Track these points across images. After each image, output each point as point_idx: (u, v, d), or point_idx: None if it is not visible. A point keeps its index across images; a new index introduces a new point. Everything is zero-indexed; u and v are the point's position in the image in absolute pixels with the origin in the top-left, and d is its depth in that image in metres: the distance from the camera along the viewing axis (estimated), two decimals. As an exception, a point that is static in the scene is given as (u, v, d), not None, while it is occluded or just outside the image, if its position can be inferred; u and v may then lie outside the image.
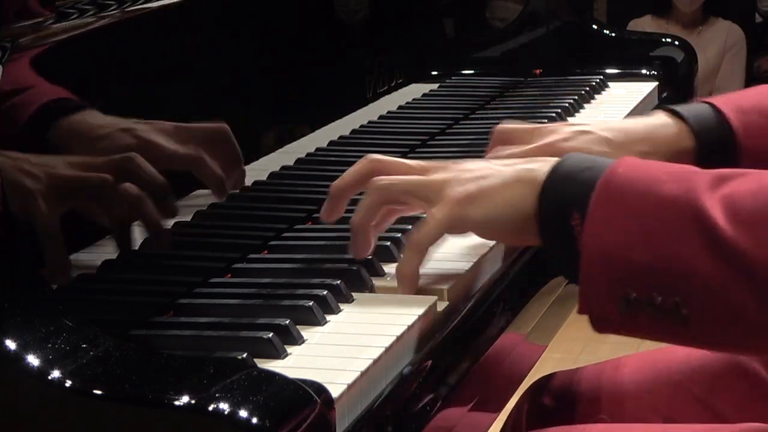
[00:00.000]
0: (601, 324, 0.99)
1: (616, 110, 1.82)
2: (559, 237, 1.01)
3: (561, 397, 1.41)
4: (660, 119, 1.27)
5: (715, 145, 1.25)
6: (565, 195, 1.01)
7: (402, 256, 1.07)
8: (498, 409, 1.20)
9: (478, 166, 1.09)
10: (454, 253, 1.16)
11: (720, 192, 0.95)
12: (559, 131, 1.26)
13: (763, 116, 1.26)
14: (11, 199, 0.89)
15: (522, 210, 1.04)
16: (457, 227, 1.06)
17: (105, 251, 1.10)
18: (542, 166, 1.05)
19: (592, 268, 0.97)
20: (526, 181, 1.04)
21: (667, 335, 0.98)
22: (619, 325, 0.98)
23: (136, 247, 1.12)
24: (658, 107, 1.31)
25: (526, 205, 1.03)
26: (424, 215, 1.08)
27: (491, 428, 1.20)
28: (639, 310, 0.95)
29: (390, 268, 1.14)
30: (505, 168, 1.07)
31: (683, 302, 0.94)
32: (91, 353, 0.84)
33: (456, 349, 1.07)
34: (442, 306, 1.07)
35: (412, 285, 1.07)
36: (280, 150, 1.46)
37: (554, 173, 1.03)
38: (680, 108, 1.28)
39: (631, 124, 1.28)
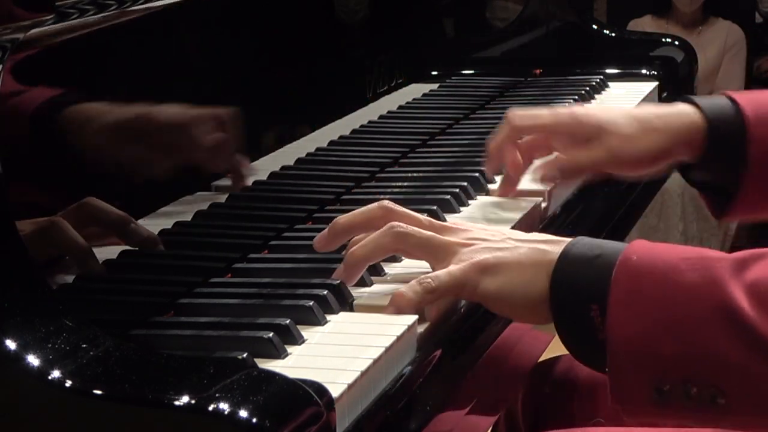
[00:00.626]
0: (633, 413, 0.98)
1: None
2: (577, 327, 1.00)
3: (561, 383, 1.42)
4: (673, 104, 1.31)
5: (725, 129, 1.27)
6: (580, 285, 1.00)
7: (410, 285, 1.04)
8: (499, 409, 1.20)
9: (493, 237, 1.07)
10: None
11: (743, 279, 0.95)
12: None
13: None
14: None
15: (535, 293, 1.02)
16: (467, 291, 1.04)
17: (105, 251, 1.10)
18: (554, 248, 1.03)
19: (621, 362, 0.96)
20: (539, 263, 1.03)
21: (702, 423, 0.98)
22: (652, 414, 0.97)
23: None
24: (680, 99, 1.32)
25: (540, 288, 1.02)
26: None
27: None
28: (673, 400, 0.95)
29: (390, 268, 1.14)
30: (521, 245, 1.05)
31: (719, 393, 0.94)
32: (91, 353, 0.84)
33: (458, 347, 1.07)
34: (444, 305, 1.07)
35: (397, 312, 1.03)
36: (280, 150, 1.46)
37: (564, 259, 1.02)
38: (696, 97, 1.31)
39: (646, 106, 1.36)
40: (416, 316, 1.02)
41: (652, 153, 1.28)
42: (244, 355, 0.90)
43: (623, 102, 1.89)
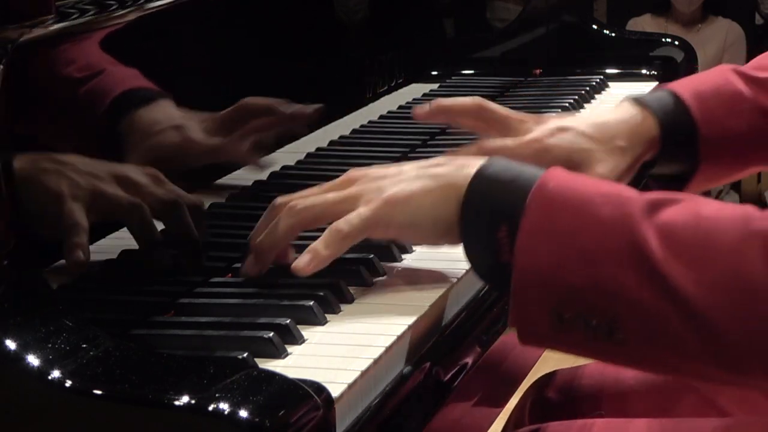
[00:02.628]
0: (530, 337, 0.98)
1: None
2: (483, 247, 1.01)
3: (564, 393, 1.42)
4: (630, 109, 1.30)
5: (678, 134, 1.30)
6: (491, 205, 1.01)
7: (322, 236, 1.04)
8: (500, 407, 1.21)
9: (390, 172, 1.08)
10: (458, 252, 1.16)
11: (656, 220, 0.95)
12: (540, 130, 1.27)
13: (721, 102, 1.31)
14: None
15: (445, 215, 1.03)
16: (381, 228, 1.05)
17: (105, 251, 1.10)
18: (461, 172, 1.04)
19: (525, 285, 0.96)
20: (447, 186, 1.04)
21: (599, 354, 0.99)
22: (550, 340, 0.97)
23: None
24: (629, 98, 1.32)
25: (449, 210, 1.03)
26: None
27: (494, 424, 1.20)
28: (572, 328, 0.95)
29: (390, 268, 1.14)
30: (422, 171, 1.06)
31: (618, 327, 0.94)
32: (91, 353, 0.84)
33: (457, 347, 1.07)
34: (442, 305, 1.07)
35: (315, 266, 1.03)
36: (280, 150, 1.46)
37: (478, 180, 1.03)
38: (644, 97, 1.32)
39: (606, 115, 1.31)
40: (416, 317, 1.02)
41: (626, 173, 1.28)
42: (245, 354, 0.90)
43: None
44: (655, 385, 1.36)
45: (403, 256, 1.16)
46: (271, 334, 0.94)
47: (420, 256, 1.17)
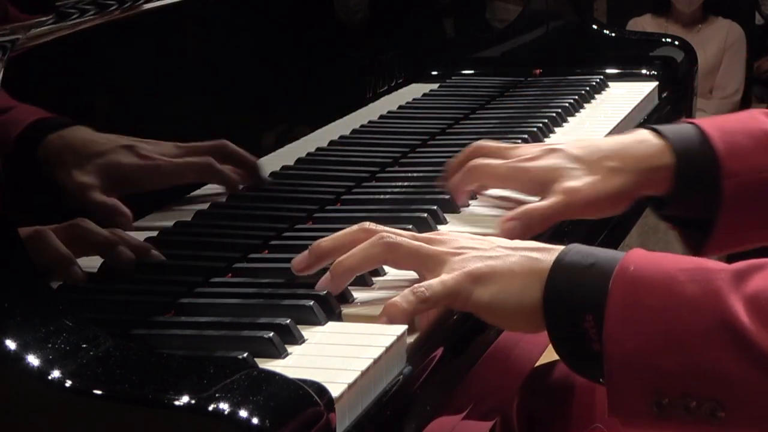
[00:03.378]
0: (632, 424, 0.98)
1: (616, 110, 1.82)
2: (570, 337, 1.00)
3: (554, 392, 1.42)
4: (638, 135, 1.28)
5: (697, 164, 1.24)
6: (574, 295, 0.99)
7: (404, 294, 1.02)
8: (502, 405, 1.20)
9: (482, 245, 1.06)
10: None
11: (743, 292, 0.94)
12: (530, 151, 1.29)
13: (749, 138, 1.24)
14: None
15: (528, 302, 1.02)
16: (460, 301, 1.03)
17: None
18: (546, 256, 1.03)
19: (618, 375, 0.96)
20: (531, 271, 1.02)
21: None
22: (651, 426, 0.97)
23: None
24: (640, 125, 1.30)
25: (533, 297, 1.01)
26: None
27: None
28: (673, 414, 0.95)
29: (390, 268, 1.14)
30: (512, 253, 1.04)
31: (719, 406, 0.93)
32: (91, 353, 0.84)
33: (457, 347, 1.07)
34: (433, 314, 1.07)
35: (396, 323, 1.01)
36: (280, 150, 1.46)
37: (557, 267, 1.01)
38: (662, 126, 1.28)
39: (603, 140, 1.31)
40: (417, 316, 1.02)
41: (617, 194, 1.25)
42: (245, 354, 0.90)
43: (623, 101, 1.89)
44: None
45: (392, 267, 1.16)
46: (271, 334, 0.94)
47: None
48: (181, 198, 1.24)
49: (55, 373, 0.81)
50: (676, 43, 2.22)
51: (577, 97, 1.86)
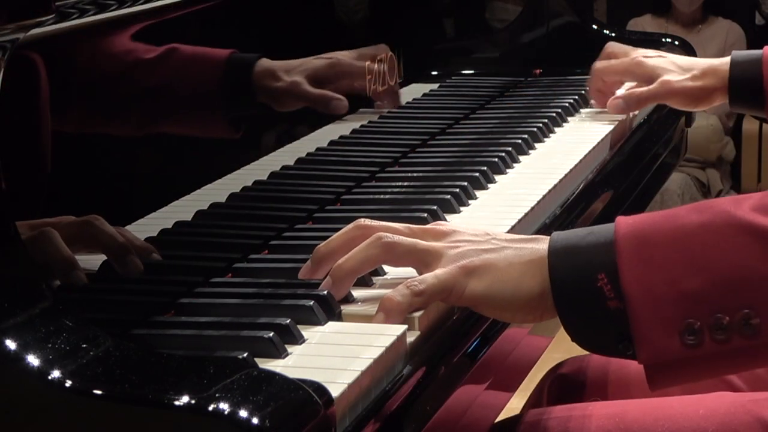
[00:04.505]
0: (665, 371, 0.98)
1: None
2: (585, 305, 0.99)
3: (573, 379, 1.43)
4: (725, 59, 1.70)
5: (745, 81, 1.65)
6: (580, 263, 1.00)
7: (398, 289, 1.02)
8: (501, 405, 1.20)
9: (478, 238, 1.07)
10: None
11: (747, 205, 0.97)
12: (644, 52, 1.78)
13: None
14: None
15: (526, 290, 1.02)
16: (455, 294, 1.03)
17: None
18: (541, 244, 1.04)
19: (646, 314, 0.96)
20: (528, 260, 1.03)
21: (738, 356, 0.97)
22: (687, 364, 0.97)
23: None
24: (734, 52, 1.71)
25: (531, 285, 1.02)
26: None
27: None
28: (706, 339, 0.95)
29: (390, 268, 1.14)
30: (507, 244, 1.05)
31: (752, 312, 0.94)
32: (91, 353, 0.84)
33: (457, 346, 1.07)
34: (443, 306, 1.07)
35: (392, 321, 1.01)
36: (280, 150, 1.46)
37: (555, 247, 1.02)
38: (743, 51, 1.70)
39: (696, 58, 1.81)
40: (416, 316, 1.02)
41: (699, 90, 1.69)
42: (245, 354, 0.90)
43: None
44: None
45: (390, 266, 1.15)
46: (271, 334, 0.94)
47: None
48: (181, 198, 1.24)
49: (55, 373, 0.81)
50: (676, 43, 2.22)
51: (577, 97, 1.86)
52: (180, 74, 1.24)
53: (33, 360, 0.81)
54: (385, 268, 1.13)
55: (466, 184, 1.40)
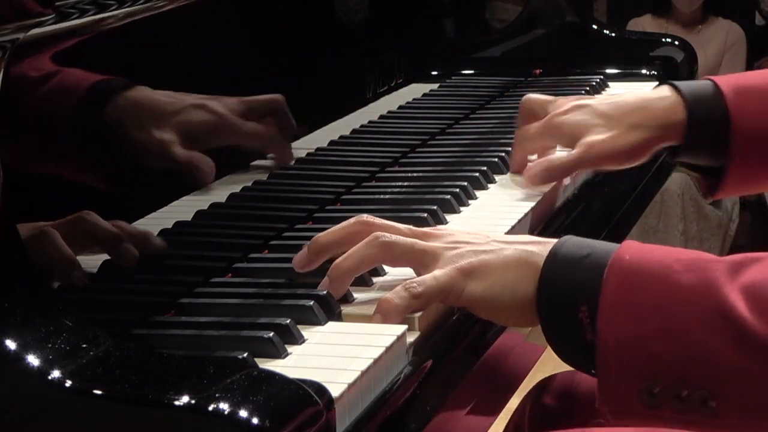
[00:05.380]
0: (621, 415, 0.97)
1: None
2: (564, 328, 0.99)
3: (563, 398, 1.41)
4: (659, 92, 1.39)
5: (707, 123, 1.33)
6: (569, 286, 0.99)
7: (396, 290, 1.02)
8: (498, 410, 1.20)
9: (477, 239, 1.06)
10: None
11: (739, 281, 0.94)
12: (562, 105, 1.42)
13: (762, 95, 1.32)
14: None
15: (522, 294, 1.01)
16: (453, 296, 1.03)
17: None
18: (541, 249, 1.03)
19: (611, 363, 0.95)
20: (525, 264, 1.02)
21: (692, 426, 0.97)
22: (641, 416, 0.96)
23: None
24: (663, 82, 1.38)
25: (527, 290, 1.01)
26: None
27: (494, 426, 1.20)
28: (664, 403, 0.94)
29: (390, 268, 1.14)
30: (506, 246, 1.04)
31: (711, 396, 0.93)
32: (91, 353, 0.84)
33: (457, 347, 1.07)
34: (442, 306, 1.07)
35: (390, 322, 1.01)
36: (280, 150, 1.46)
37: (552, 259, 1.01)
38: (681, 82, 1.38)
39: (628, 96, 1.41)
40: (416, 316, 1.02)
41: (634, 148, 1.36)
42: (245, 354, 0.90)
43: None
44: None
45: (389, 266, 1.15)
46: (271, 334, 0.94)
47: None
48: (181, 198, 1.24)
49: (55, 373, 0.81)
50: (676, 43, 2.22)
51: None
52: None
53: (33, 360, 0.81)
54: (386, 267, 1.13)
55: (466, 184, 1.40)
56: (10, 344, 0.82)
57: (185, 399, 0.78)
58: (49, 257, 0.99)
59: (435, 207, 1.30)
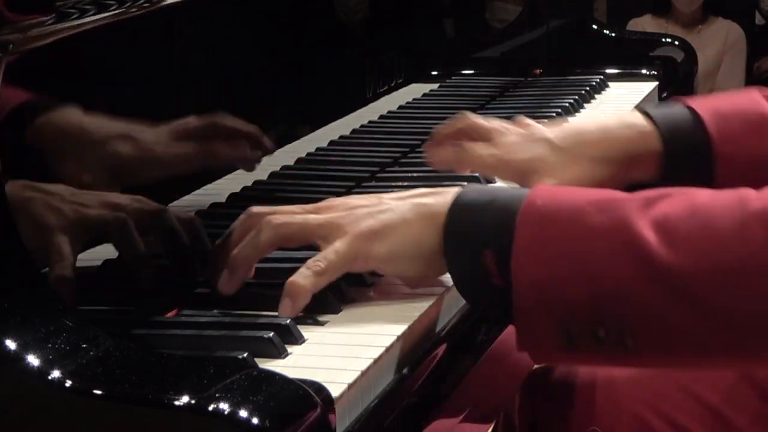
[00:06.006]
0: (542, 358, 0.98)
1: (616, 110, 1.82)
2: (472, 274, 1.00)
3: (554, 393, 1.41)
4: (626, 119, 1.25)
5: (688, 150, 1.22)
6: (474, 232, 0.99)
7: (300, 271, 1.01)
8: (499, 408, 1.20)
9: (370, 202, 1.06)
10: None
11: (650, 215, 0.94)
12: (513, 140, 1.25)
13: (744, 122, 1.22)
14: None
15: (428, 247, 1.02)
16: (360, 263, 1.02)
17: (105, 251, 1.10)
18: (440, 199, 1.02)
19: (527, 308, 0.95)
20: (426, 217, 1.02)
21: (612, 363, 0.98)
22: (562, 358, 0.97)
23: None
24: (636, 107, 1.28)
25: (432, 241, 1.01)
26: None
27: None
28: (582, 344, 0.94)
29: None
30: (401, 202, 1.04)
31: (628, 332, 0.93)
32: (91, 353, 0.84)
33: (457, 346, 1.07)
34: (443, 304, 1.07)
35: (298, 305, 1.00)
36: (280, 150, 1.46)
37: (456, 207, 1.01)
38: (654, 110, 1.25)
39: (587, 126, 1.26)
40: (416, 316, 1.02)
41: (596, 186, 1.12)
42: (245, 354, 0.90)
43: (623, 102, 1.89)
44: (654, 388, 1.34)
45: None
46: (272, 334, 0.94)
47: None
48: (181, 198, 1.24)
49: (55, 373, 0.81)
50: (676, 43, 2.22)
51: (577, 97, 1.86)
52: None
53: (33, 360, 0.81)
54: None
55: (465, 184, 1.39)
56: (10, 344, 0.82)
57: (185, 399, 0.78)
58: (41, 244, 0.99)
59: (435, 207, 1.30)
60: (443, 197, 1.03)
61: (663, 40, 2.23)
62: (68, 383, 0.80)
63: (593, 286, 0.94)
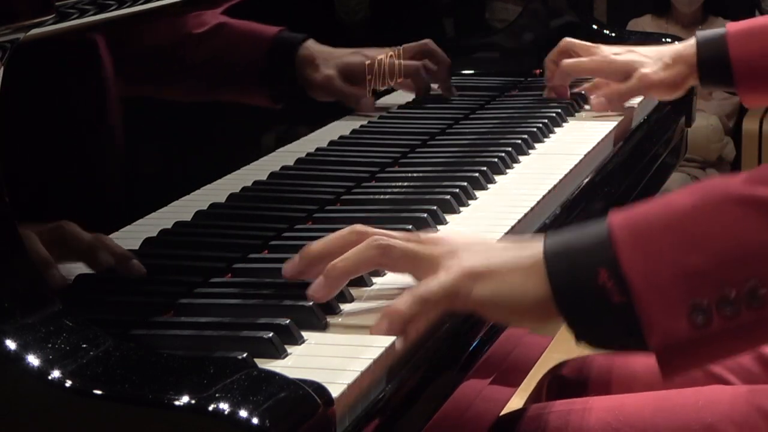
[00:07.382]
0: (681, 350, 0.97)
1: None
2: (590, 304, 0.99)
3: (576, 376, 1.43)
4: (687, 41, 1.74)
5: (713, 55, 1.69)
6: (578, 263, 0.99)
7: (401, 298, 1.01)
8: (502, 403, 1.20)
9: (473, 246, 1.05)
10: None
11: (738, 179, 0.97)
12: (613, 50, 1.80)
13: (761, 38, 1.68)
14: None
15: (531, 294, 1.01)
16: (461, 300, 1.01)
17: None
18: (536, 248, 1.03)
19: (650, 299, 0.95)
20: (528, 264, 1.02)
21: (747, 331, 0.96)
22: (697, 344, 0.96)
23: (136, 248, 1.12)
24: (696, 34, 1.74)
25: (535, 289, 1.00)
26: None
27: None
28: (715, 315, 0.94)
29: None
30: (505, 252, 1.04)
31: (759, 282, 0.94)
32: (91, 353, 0.84)
33: (457, 346, 1.07)
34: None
35: (393, 329, 1.00)
36: (280, 150, 1.46)
37: (550, 250, 1.01)
38: (704, 31, 1.73)
39: (664, 46, 1.81)
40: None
41: (675, 80, 1.73)
42: (244, 355, 0.90)
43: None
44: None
45: (387, 271, 1.15)
46: (271, 334, 0.94)
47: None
48: (181, 198, 1.24)
49: (55, 373, 0.81)
50: (676, 43, 2.21)
51: (577, 97, 1.86)
52: (227, 49, 1.32)
53: (33, 360, 0.81)
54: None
55: (465, 184, 1.40)
56: (10, 344, 0.82)
57: (185, 399, 0.78)
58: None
59: (435, 207, 1.30)
60: (538, 246, 1.02)
61: (663, 40, 2.22)
62: (68, 383, 0.80)
63: (711, 249, 0.95)
